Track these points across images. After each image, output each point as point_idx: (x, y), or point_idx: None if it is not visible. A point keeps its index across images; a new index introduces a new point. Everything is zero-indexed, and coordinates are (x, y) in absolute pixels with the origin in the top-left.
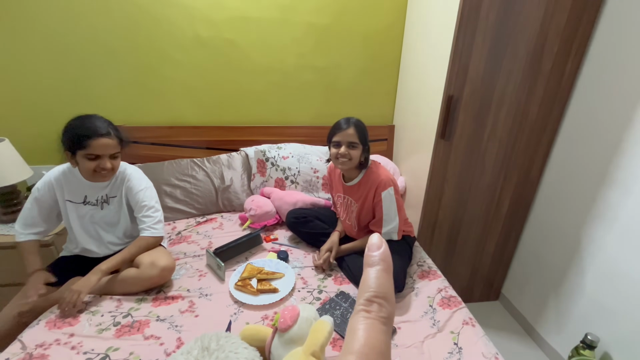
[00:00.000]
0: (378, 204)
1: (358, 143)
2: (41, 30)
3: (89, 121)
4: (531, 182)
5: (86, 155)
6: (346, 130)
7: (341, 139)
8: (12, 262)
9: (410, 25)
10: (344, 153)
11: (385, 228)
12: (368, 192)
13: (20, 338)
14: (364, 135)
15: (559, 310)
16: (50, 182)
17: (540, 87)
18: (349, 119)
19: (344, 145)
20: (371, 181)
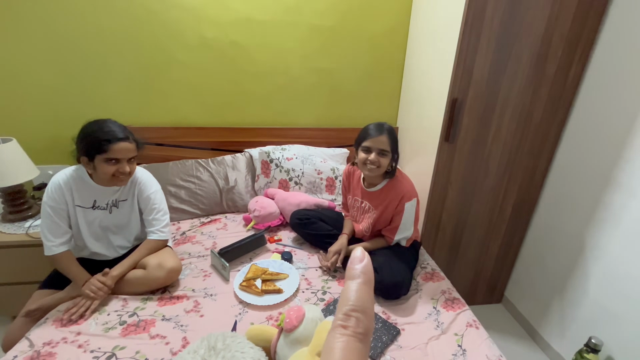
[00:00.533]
0: (399, 213)
1: (389, 151)
2: (49, 32)
3: (107, 125)
4: (535, 185)
5: (106, 160)
6: (378, 137)
7: (372, 145)
8: (20, 260)
9: (415, 28)
10: (373, 160)
11: (399, 236)
12: (391, 201)
13: (28, 336)
14: (396, 143)
15: (563, 314)
16: (60, 187)
17: (545, 90)
18: (381, 124)
19: (374, 152)
20: (396, 190)
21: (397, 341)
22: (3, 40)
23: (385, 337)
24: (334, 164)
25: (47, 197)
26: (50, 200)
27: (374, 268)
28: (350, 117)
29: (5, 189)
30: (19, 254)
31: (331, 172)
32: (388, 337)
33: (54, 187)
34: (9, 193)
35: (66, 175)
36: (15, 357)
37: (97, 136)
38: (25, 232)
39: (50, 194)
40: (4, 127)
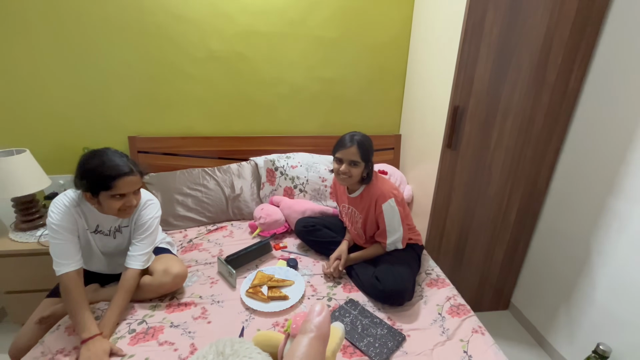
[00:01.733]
0: (380, 215)
1: (360, 161)
2: (62, 47)
3: (109, 159)
4: (539, 191)
5: (111, 196)
6: (349, 149)
7: (343, 156)
8: (32, 269)
9: (416, 37)
10: (344, 170)
11: (390, 238)
12: (370, 204)
13: (42, 342)
14: (367, 153)
15: (570, 320)
16: (69, 210)
17: (546, 97)
18: (353, 135)
19: (345, 163)
20: (371, 194)
21: (402, 347)
22: (19, 55)
23: (391, 343)
24: None
25: (56, 221)
26: (59, 222)
27: (376, 276)
28: (354, 125)
29: (18, 198)
30: (31, 262)
31: None
32: (393, 343)
33: (61, 211)
34: (22, 202)
35: (71, 199)
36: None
37: (100, 172)
38: (36, 240)
39: (59, 217)
40: (18, 139)
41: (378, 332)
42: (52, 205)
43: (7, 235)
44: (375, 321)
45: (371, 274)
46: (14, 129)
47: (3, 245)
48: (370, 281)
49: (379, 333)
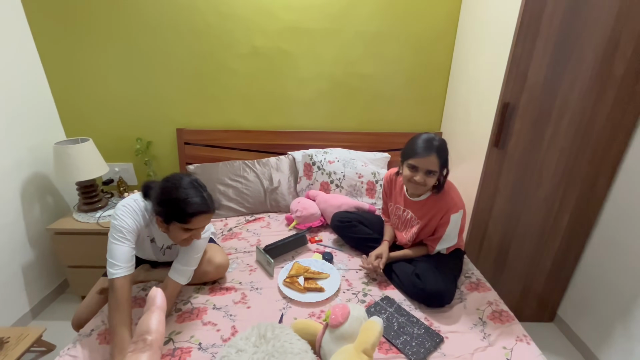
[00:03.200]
0: (444, 224)
1: (437, 171)
2: (124, 46)
3: (191, 195)
4: (596, 197)
5: (183, 228)
6: (427, 157)
7: (419, 165)
8: (91, 246)
9: (463, 31)
10: (419, 181)
11: (441, 246)
12: (437, 212)
13: (102, 311)
14: (446, 160)
15: (629, 338)
16: (138, 217)
17: (610, 93)
18: (431, 140)
19: (421, 173)
20: (443, 202)
21: (440, 349)
22: (84, 55)
23: (428, 343)
24: (375, 168)
25: (124, 221)
26: (129, 225)
27: (416, 274)
28: (393, 122)
29: (82, 182)
30: (90, 240)
31: (372, 176)
32: (431, 343)
33: (131, 213)
34: (84, 186)
35: (139, 206)
36: (92, 330)
37: (181, 208)
38: (96, 221)
39: (128, 218)
40: (83, 129)
41: (415, 331)
42: (122, 207)
43: (71, 215)
44: (412, 320)
45: (411, 272)
46: (80, 121)
47: (67, 224)
48: (410, 279)
49: (416, 332)
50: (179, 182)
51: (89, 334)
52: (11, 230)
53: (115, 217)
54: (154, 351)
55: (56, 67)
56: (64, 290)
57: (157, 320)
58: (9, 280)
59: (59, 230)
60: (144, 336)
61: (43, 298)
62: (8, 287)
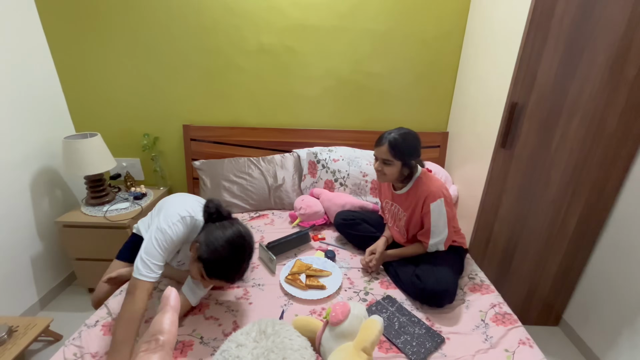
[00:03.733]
0: (427, 215)
1: (392, 160)
2: (131, 43)
3: (239, 264)
4: (605, 200)
5: (212, 280)
6: (380, 147)
7: (376, 154)
8: (99, 239)
9: (472, 30)
10: (377, 168)
11: (433, 239)
12: (417, 203)
13: (107, 304)
14: (401, 152)
15: (635, 344)
16: (194, 229)
17: (622, 95)
18: (390, 132)
19: (378, 161)
20: (420, 192)
21: (441, 349)
22: (97, 51)
23: (429, 343)
24: None
25: (178, 233)
26: (182, 237)
27: (416, 274)
28: (399, 121)
29: (90, 176)
30: (98, 233)
31: None
32: (432, 344)
33: (189, 225)
34: (92, 180)
35: (195, 222)
36: (97, 321)
37: (222, 270)
38: (103, 215)
39: (184, 229)
40: (91, 124)
41: (416, 331)
42: (182, 219)
43: (79, 208)
44: (413, 320)
45: (411, 272)
46: (89, 116)
47: (75, 217)
48: (410, 279)
49: (417, 332)
50: (235, 245)
51: (94, 324)
52: (21, 223)
53: (171, 224)
54: (166, 352)
55: (66, 63)
56: (71, 282)
57: (170, 321)
58: (18, 271)
59: (67, 223)
60: (157, 336)
61: (51, 289)
62: (17, 277)
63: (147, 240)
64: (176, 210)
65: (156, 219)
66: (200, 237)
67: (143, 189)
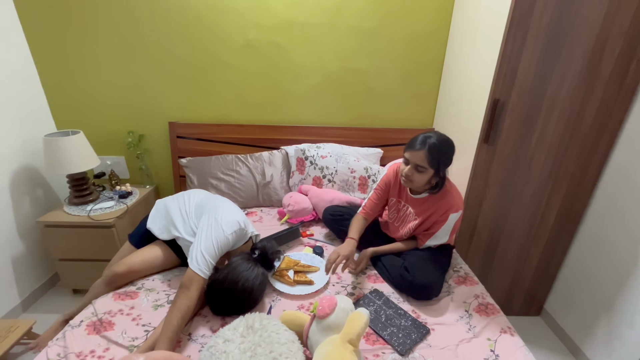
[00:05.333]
0: (442, 222)
1: (426, 167)
2: (113, 38)
3: (233, 306)
4: (583, 193)
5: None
6: (417, 152)
7: (410, 157)
8: (82, 239)
9: (456, 27)
10: (407, 173)
11: (432, 242)
12: (437, 210)
13: (94, 304)
14: (438, 159)
15: (611, 331)
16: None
17: (598, 92)
18: (428, 137)
19: (410, 166)
20: (445, 201)
21: (426, 340)
22: (78, 46)
23: (415, 334)
24: (368, 163)
25: (233, 239)
26: (232, 242)
27: (405, 267)
28: (385, 118)
29: (73, 175)
30: (81, 233)
31: (364, 171)
32: (417, 335)
33: (239, 235)
34: (75, 179)
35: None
36: (81, 321)
37: (216, 305)
38: (87, 214)
39: (236, 238)
40: (74, 121)
41: (402, 323)
42: (240, 232)
43: (61, 208)
44: (399, 312)
45: (400, 265)
46: (70, 113)
47: (58, 217)
48: (399, 272)
49: (403, 324)
50: (234, 288)
51: (78, 324)
52: (0, 223)
53: (232, 232)
54: None
55: (46, 58)
56: (54, 283)
57: None
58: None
59: (50, 223)
60: None
61: (33, 291)
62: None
63: (206, 238)
64: (236, 218)
65: (207, 219)
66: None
67: (129, 188)
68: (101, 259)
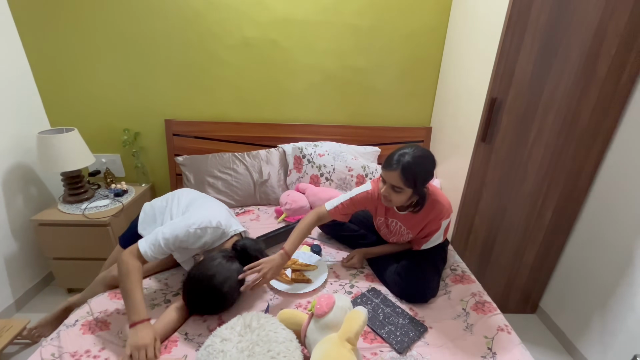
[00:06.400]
0: (435, 230)
1: (403, 188)
2: (108, 34)
3: (204, 303)
4: (578, 192)
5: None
6: (391, 172)
7: (385, 177)
8: (77, 238)
9: (454, 26)
10: (383, 193)
11: (426, 246)
12: (430, 222)
13: (89, 303)
14: (414, 179)
15: (605, 328)
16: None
17: (594, 91)
18: (403, 154)
19: (387, 186)
20: (435, 212)
21: (424, 338)
22: (72, 43)
23: (412, 333)
24: (365, 161)
25: (201, 234)
26: (204, 239)
27: (398, 272)
28: (383, 116)
29: (67, 173)
30: (76, 232)
31: (362, 169)
32: (415, 333)
33: (213, 236)
34: (69, 177)
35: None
36: (76, 321)
37: (198, 302)
38: (82, 212)
39: (203, 234)
40: (68, 118)
41: (399, 321)
42: (205, 231)
43: (55, 206)
44: (397, 311)
45: (393, 271)
46: (65, 110)
47: (52, 215)
48: (392, 277)
49: (401, 322)
50: (204, 287)
51: (73, 324)
52: None
53: (200, 237)
54: None
55: (40, 55)
56: (49, 282)
57: None
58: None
59: (43, 221)
60: None
61: (27, 290)
62: None
63: (170, 225)
64: (210, 216)
65: (179, 214)
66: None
67: (124, 186)
68: (96, 257)
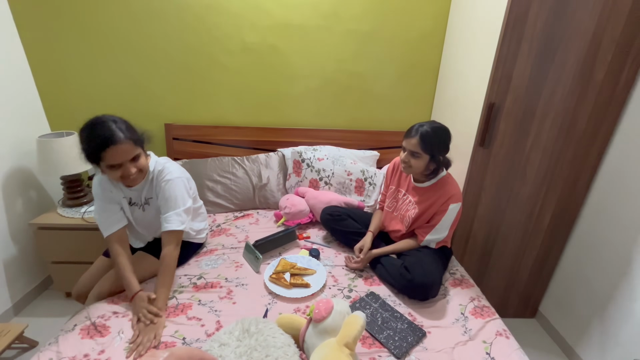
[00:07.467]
0: (442, 213)
1: (421, 153)
2: (108, 38)
3: (95, 130)
4: (577, 196)
5: (108, 166)
6: (411, 139)
7: (405, 145)
8: (76, 242)
9: (452, 31)
10: (403, 159)
11: (432, 236)
12: (438, 199)
13: (87, 309)
14: (431, 146)
15: (605, 333)
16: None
17: (591, 97)
18: (421, 125)
19: (406, 152)
20: (444, 191)
21: (422, 343)
22: (73, 47)
23: (411, 337)
24: (364, 165)
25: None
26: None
27: (405, 267)
28: (382, 120)
29: (66, 177)
30: (75, 236)
31: (361, 173)
32: (413, 338)
33: (98, 178)
34: (69, 181)
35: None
36: (75, 325)
37: (88, 145)
38: (81, 216)
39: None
40: (69, 122)
41: (398, 326)
42: (95, 177)
43: (55, 210)
44: (395, 315)
45: (399, 265)
46: (65, 114)
47: (51, 219)
48: (398, 271)
49: (399, 327)
50: (88, 122)
51: (72, 329)
52: None
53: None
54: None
55: (41, 59)
56: (47, 286)
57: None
58: None
59: (43, 225)
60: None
61: (26, 294)
62: None
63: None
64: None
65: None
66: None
67: None
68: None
